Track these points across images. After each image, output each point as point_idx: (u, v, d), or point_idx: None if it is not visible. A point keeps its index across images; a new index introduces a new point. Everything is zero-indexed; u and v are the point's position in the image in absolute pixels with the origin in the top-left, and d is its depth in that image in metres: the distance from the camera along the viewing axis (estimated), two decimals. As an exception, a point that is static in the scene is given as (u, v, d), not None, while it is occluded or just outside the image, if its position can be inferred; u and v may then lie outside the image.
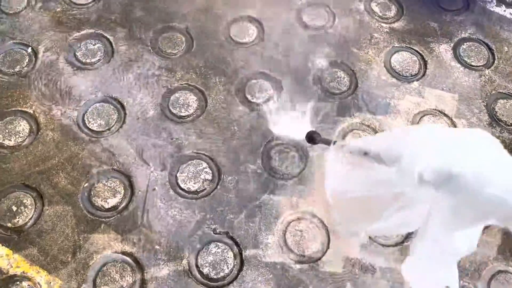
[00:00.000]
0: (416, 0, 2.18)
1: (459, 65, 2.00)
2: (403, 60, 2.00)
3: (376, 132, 1.83)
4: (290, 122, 1.73)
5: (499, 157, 0.59)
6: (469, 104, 1.91)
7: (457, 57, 2.02)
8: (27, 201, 1.61)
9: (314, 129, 1.15)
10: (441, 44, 2.05)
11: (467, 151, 0.59)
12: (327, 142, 0.95)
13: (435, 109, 1.88)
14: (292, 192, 1.68)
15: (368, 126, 1.84)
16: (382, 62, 1.99)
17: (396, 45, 2.04)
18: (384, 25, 2.10)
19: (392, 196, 0.72)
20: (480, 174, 0.56)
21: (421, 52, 2.02)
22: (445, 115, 1.88)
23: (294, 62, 1.97)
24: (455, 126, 1.85)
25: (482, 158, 0.58)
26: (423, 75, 1.98)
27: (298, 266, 1.56)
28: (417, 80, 1.95)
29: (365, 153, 0.75)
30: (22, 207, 1.60)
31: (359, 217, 0.85)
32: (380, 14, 2.12)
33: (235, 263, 1.56)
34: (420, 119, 1.86)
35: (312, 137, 1.15)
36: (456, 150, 0.60)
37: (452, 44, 2.05)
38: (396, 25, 2.10)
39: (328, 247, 1.59)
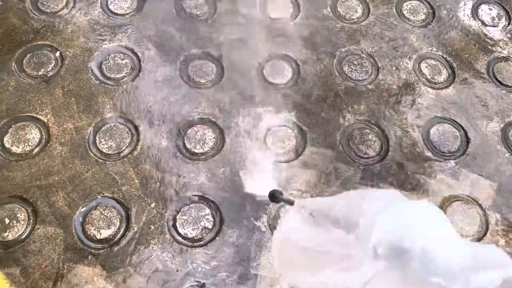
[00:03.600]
0: (470, 68, 1.99)
1: (505, 150, 1.81)
2: (444, 133, 1.83)
3: (398, 209, 1.67)
4: (258, 179, 1.67)
5: (444, 232, 0.63)
6: (509, 197, 1.72)
7: (505, 140, 1.83)
8: (20, 215, 1.56)
9: (275, 189, 1.19)
10: (490, 123, 1.87)
11: (417, 224, 0.62)
12: (289, 202, 0.95)
13: (468, 196, 1.71)
14: (294, 259, 1.56)
15: (391, 201, 1.68)
16: (420, 131, 1.82)
17: (439, 115, 1.87)
18: (430, 90, 1.93)
19: (342, 256, 0.73)
20: (428, 253, 0.58)
21: (465, 128, 1.85)
22: (479, 204, 1.70)
23: (324, 114, 1.83)
24: (487, 219, 1.67)
25: (430, 233, 0.61)
26: (463, 153, 1.80)
27: None
28: (455, 158, 1.78)
29: (325, 216, 0.76)
30: (15, 221, 1.55)
31: (298, 266, 0.83)
32: (429, 77, 1.95)
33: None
34: (449, 203, 1.69)
35: (274, 196, 1.20)
36: (408, 222, 0.63)
37: (502, 125, 1.86)
38: (444, 92, 1.93)
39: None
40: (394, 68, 1.97)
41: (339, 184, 1.70)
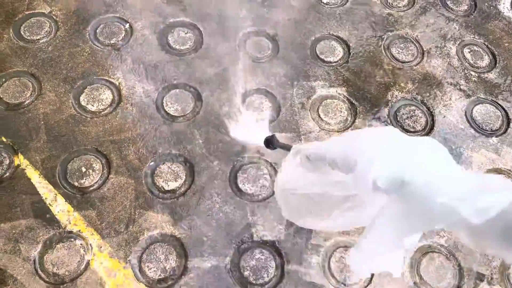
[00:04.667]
0: (511, 55, 2.11)
1: (544, 130, 1.92)
2: (486, 113, 1.94)
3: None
4: (249, 127, 1.68)
5: (447, 165, 0.60)
6: (548, 173, 1.82)
7: (544, 121, 1.93)
8: (96, 165, 1.70)
9: (272, 134, 1.09)
10: (530, 105, 1.97)
11: (418, 159, 0.60)
12: (286, 148, 0.92)
13: (510, 170, 1.81)
14: (345, 218, 1.67)
15: (436, 171, 1.79)
16: (464, 110, 1.94)
17: (482, 96, 1.98)
18: (473, 73, 2.04)
19: (344, 197, 0.72)
20: (430, 182, 0.57)
21: (506, 109, 1.95)
22: (519, 178, 1.80)
23: (373, 90, 1.96)
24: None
25: (432, 167, 0.59)
26: (504, 132, 1.90)
27: (337, 293, 1.55)
28: (497, 136, 1.89)
29: (322, 159, 0.73)
30: (91, 170, 1.69)
31: (306, 213, 0.82)
32: (471, 61, 2.07)
33: (275, 274, 1.57)
34: (491, 176, 1.79)
35: (270, 141, 1.11)
36: (408, 157, 0.60)
37: (541, 108, 1.97)
38: (485, 76, 2.04)
39: (370, 283, 1.57)
40: (438, 52, 2.09)
41: (387, 153, 1.81)
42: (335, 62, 2.02)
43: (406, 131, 1.88)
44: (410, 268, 1.60)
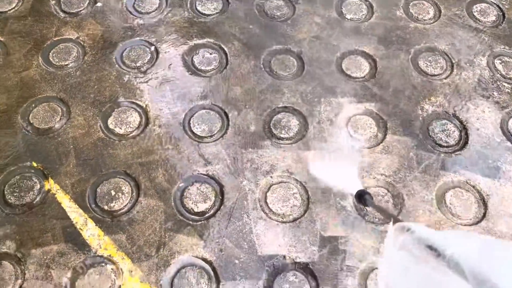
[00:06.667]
0: (545, 65, 2.04)
1: None
2: (522, 124, 1.87)
3: (480, 194, 1.71)
4: (337, 171, 1.58)
5: None
6: None
7: None
8: (125, 188, 1.69)
9: (365, 190, 1.04)
10: None
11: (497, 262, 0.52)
12: (383, 212, 0.78)
13: (552, 184, 1.73)
14: (379, 237, 1.62)
15: (473, 187, 1.73)
16: (499, 123, 1.87)
17: (517, 108, 1.91)
18: (506, 84, 1.98)
19: None
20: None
21: (544, 120, 1.88)
22: (562, 192, 1.72)
23: (403, 104, 1.91)
24: None
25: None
26: (543, 144, 1.83)
27: (375, 317, 1.48)
28: (535, 149, 1.81)
29: (437, 252, 0.63)
30: (120, 193, 1.68)
31: None
32: (503, 72, 2.01)
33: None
34: (532, 191, 1.72)
35: (363, 198, 1.04)
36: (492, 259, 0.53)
37: None
38: (519, 86, 1.98)
39: None
40: (468, 64, 2.04)
41: (421, 169, 1.76)
42: (362, 77, 1.99)
43: (439, 145, 1.82)
44: None
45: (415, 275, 0.66)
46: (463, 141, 1.84)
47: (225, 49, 2.06)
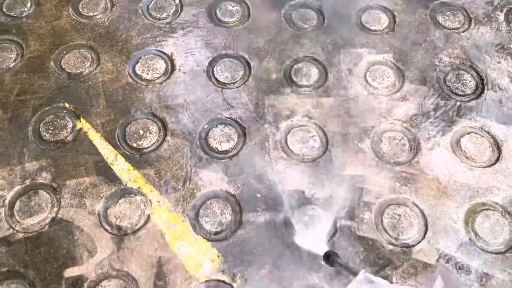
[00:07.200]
0: None
1: None
2: (538, 75, 1.91)
3: (495, 140, 1.76)
4: (312, 237, 1.60)
5: None
6: None
7: None
8: (152, 128, 1.78)
9: (332, 251, 1.13)
10: None
11: None
12: (348, 269, 0.81)
13: None
14: (396, 177, 1.68)
15: (488, 132, 1.78)
16: (515, 73, 1.91)
17: (533, 59, 1.95)
18: (523, 38, 2.01)
19: None
20: None
21: (560, 71, 1.92)
22: None
23: (420, 56, 1.96)
24: None
25: None
26: (558, 94, 1.87)
27: (390, 247, 1.56)
28: (550, 98, 1.85)
29: None
30: (148, 133, 1.77)
31: None
32: (521, 26, 2.04)
33: (329, 228, 1.59)
34: (546, 137, 1.76)
35: (330, 257, 1.12)
36: None
37: None
38: (536, 40, 2.01)
39: (424, 237, 1.57)
40: (486, 19, 2.07)
41: (438, 116, 1.81)
42: (380, 30, 2.04)
43: (455, 94, 1.87)
44: (465, 225, 1.60)
45: None
46: (479, 91, 1.88)
47: (247, 2, 2.12)
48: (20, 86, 1.85)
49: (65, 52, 1.95)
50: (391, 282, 1.45)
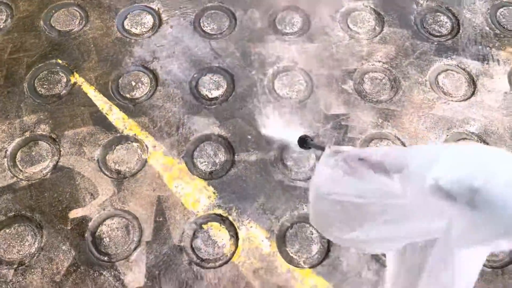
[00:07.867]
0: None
1: None
2: (510, 14, 2.00)
3: (470, 75, 1.86)
4: (281, 125, 1.69)
5: None
6: None
7: None
8: (144, 79, 1.85)
9: (305, 133, 1.19)
10: (554, 5, 2.02)
11: (491, 168, 0.52)
12: (320, 148, 0.88)
13: (536, 64, 1.88)
14: (378, 114, 1.78)
15: (464, 69, 1.88)
16: (488, 13, 2.00)
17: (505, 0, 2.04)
18: (496, -21, 2.09)
19: (382, 209, 0.63)
20: (507, 192, 0.50)
21: (531, 9, 2.01)
22: (546, 71, 1.87)
23: (399, 1, 2.04)
24: (554, 83, 1.84)
25: (508, 175, 0.51)
26: (529, 31, 1.97)
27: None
28: (522, 35, 1.95)
29: (362, 159, 0.67)
30: (140, 84, 1.84)
31: (334, 221, 0.74)
32: (494, -31, 2.12)
33: (315, 164, 1.69)
34: (518, 71, 1.87)
35: (304, 141, 1.18)
36: (479, 165, 0.52)
37: None
38: (509, -19, 2.09)
39: (405, 167, 1.68)
40: (461, -37, 2.15)
41: (416, 56, 1.90)
42: (360, -22, 2.11)
43: (433, 35, 1.96)
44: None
45: (344, 181, 0.71)
46: (455, 31, 1.97)
47: (230, -44, 2.16)
48: (12, 45, 1.90)
49: (53, 11, 1.99)
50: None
